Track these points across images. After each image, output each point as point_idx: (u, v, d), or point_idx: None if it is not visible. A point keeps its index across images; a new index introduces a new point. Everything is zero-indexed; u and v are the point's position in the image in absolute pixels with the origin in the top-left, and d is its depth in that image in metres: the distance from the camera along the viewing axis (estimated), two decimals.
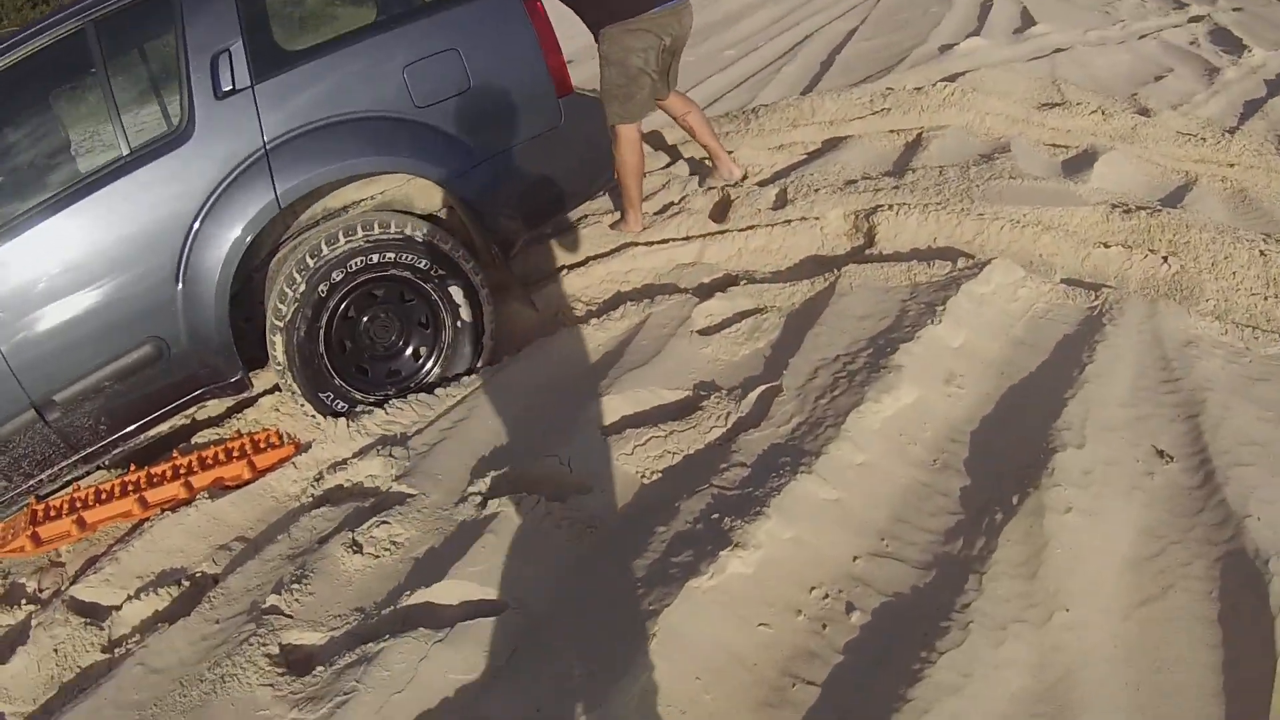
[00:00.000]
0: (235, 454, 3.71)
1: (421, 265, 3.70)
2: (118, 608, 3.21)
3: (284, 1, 4.21)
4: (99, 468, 3.93)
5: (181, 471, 3.67)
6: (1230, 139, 5.59)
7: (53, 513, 3.67)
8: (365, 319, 3.85)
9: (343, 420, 3.69)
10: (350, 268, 3.62)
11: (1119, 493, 2.59)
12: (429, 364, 3.92)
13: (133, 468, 3.87)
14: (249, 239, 3.53)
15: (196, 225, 3.48)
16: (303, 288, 3.57)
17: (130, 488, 3.68)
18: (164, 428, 3.84)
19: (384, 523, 3.01)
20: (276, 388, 4.23)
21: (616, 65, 4.46)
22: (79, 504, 3.67)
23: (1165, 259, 3.96)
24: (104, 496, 3.68)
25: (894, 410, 2.98)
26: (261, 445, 3.74)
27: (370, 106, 3.63)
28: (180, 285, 3.50)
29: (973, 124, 5.82)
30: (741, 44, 10.68)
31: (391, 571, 2.88)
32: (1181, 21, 9.69)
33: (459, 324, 3.85)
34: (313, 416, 3.76)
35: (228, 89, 3.52)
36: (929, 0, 11.40)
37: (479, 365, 3.92)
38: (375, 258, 3.64)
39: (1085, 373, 3.06)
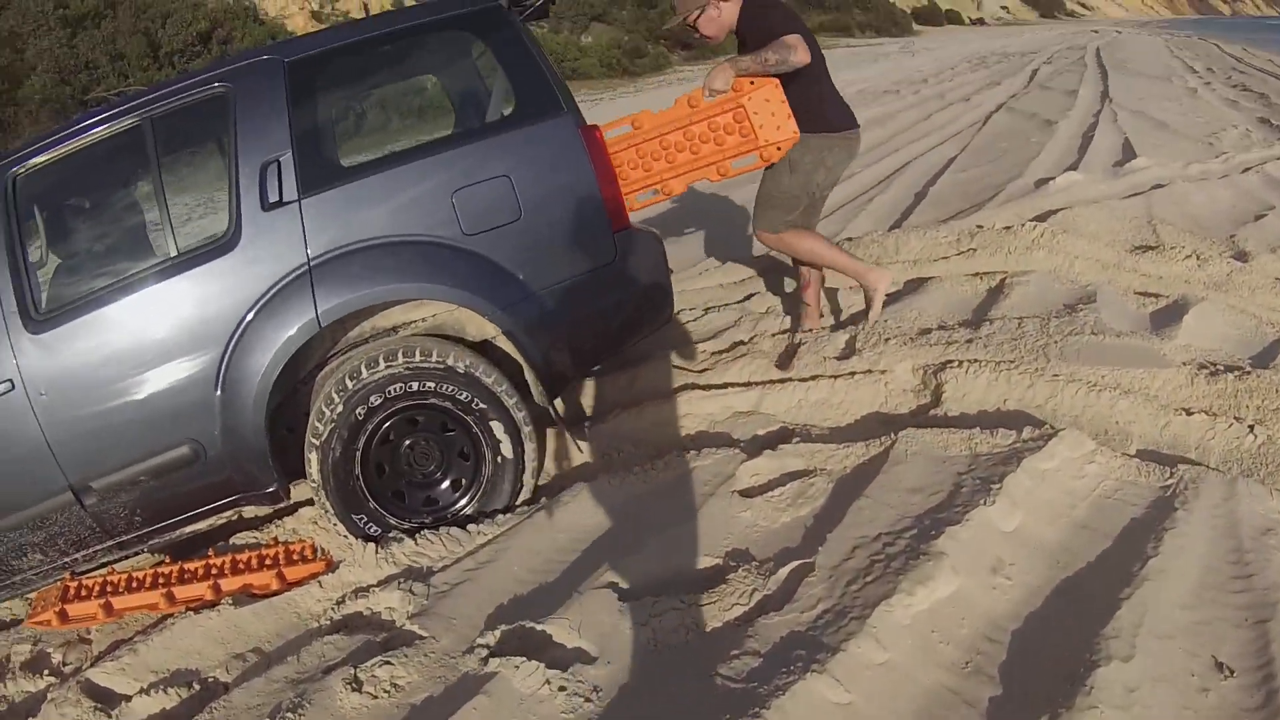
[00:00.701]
0: (267, 562, 3.69)
1: (462, 397, 3.62)
2: (129, 699, 3.21)
3: (340, 113, 4.24)
4: (137, 553, 3.95)
5: (213, 572, 3.66)
6: None
7: (84, 592, 3.68)
8: (405, 445, 3.78)
9: (372, 546, 3.63)
10: (389, 393, 3.57)
11: (1165, 715, 2.38)
12: (466, 497, 3.81)
13: (168, 559, 3.88)
14: (288, 355, 3.52)
15: (238, 335, 3.49)
16: (340, 409, 3.54)
17: (161, 580, 3.68)
18: (202, 525, 3.86)
19: (388, 663, 2.93)
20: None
21: (802, 175, 4.49)
22: (110, 588, 3.68)
23: (1252, 428, 3.75)
24: (135, 585, 3.68)
25: (929, 604, 2.80)
26: (294, 557, 3.71)
27: (417, 230, 3.60)
28: (219, 392, 3.51)
29: (1060, 268, 5.67)
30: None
31: (385, 715, 2.81)
32: None
33: (499, 459, 3.72)
34: (345, 536, 3.70)
35: (275, 200, 3.53)
36: (1032, 128, 11.35)
37: (516, 504, 3.80)
38: (415, 385, 3.57)
39: (1147, 567, 2.85)
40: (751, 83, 4.24)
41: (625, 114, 4.55)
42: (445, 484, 3.85)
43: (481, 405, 3.63)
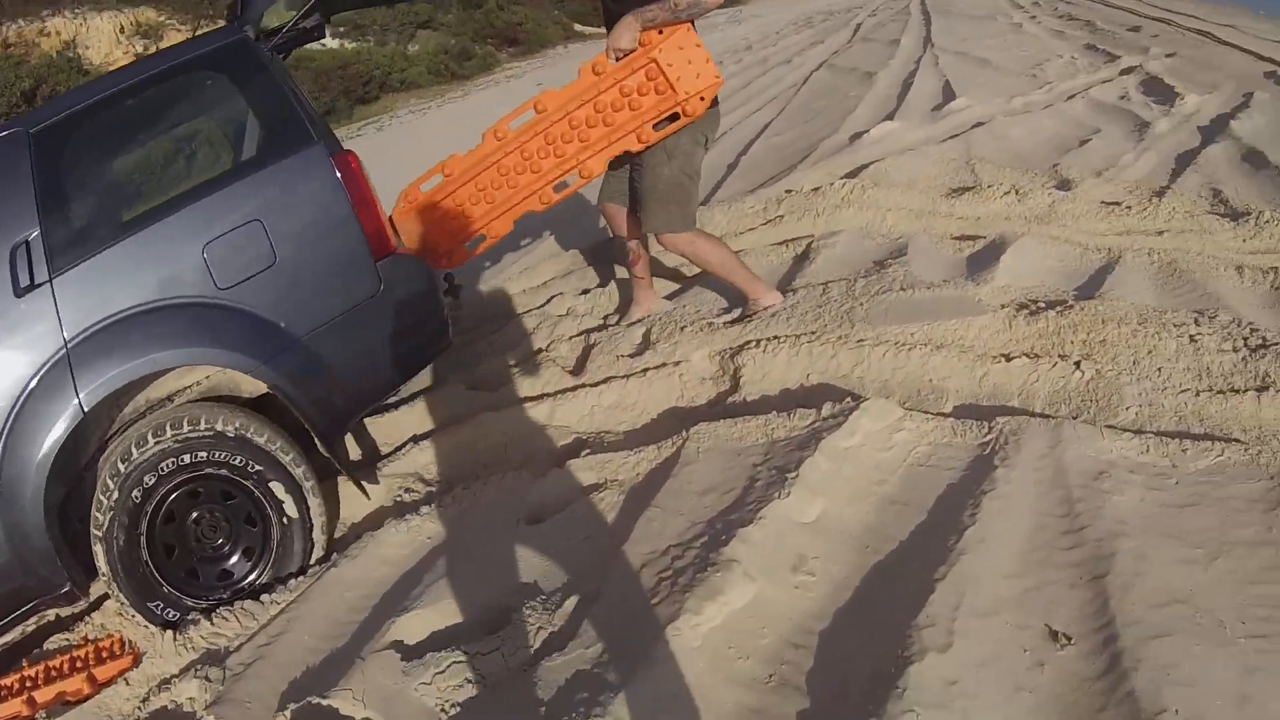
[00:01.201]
0: (78, 665, 3.38)
1: (236, 462, 3.39)
2: None
3: (95, 177, 3.87)
4: None
5: (27, 685, 3.34)
6: (1159, 202, 5.12)
7: None
8: (190, 520, 3.52)
9: (170, 633, 3.37)
10: (162, 470, 3.33)
11: (996, 703, 2.01)
12: (261, 564, 3.54)
13: None
14: (57, 447, 3.25)
15: (6, 432, 3.23)
16: (116, 495, 3.29)
17: None
18: (7, 636, 3.62)
19: None
20: None
21: (682, 158, 4.05)
22: None
23: (1078, 364, 3.42)
24: None
25: (722, 618, 2.41)
26: (104, 655, 3.41)
27: (171, 293, 3.37)
28: None
29: (872, 224, 5.32)
30: None
31: None
32: (1112, 75, 9.37)
33: (285, 521, 3.48)
34: (146, 625, 3.45)
35: (26, 284, 3.30)
36: (851, 82, 11.10)
37: (310, 564, 3.56)
38: (187, 458, 3.34)
39: (964, 538, 2.48)
40: (660, 33, 3.81)
41: (457, 121, 4.04)
42: (237, 555, 3.60)
43: (258, 467, 3.43)
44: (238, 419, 3.42)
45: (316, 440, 3.54)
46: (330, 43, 32.99)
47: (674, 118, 3.90)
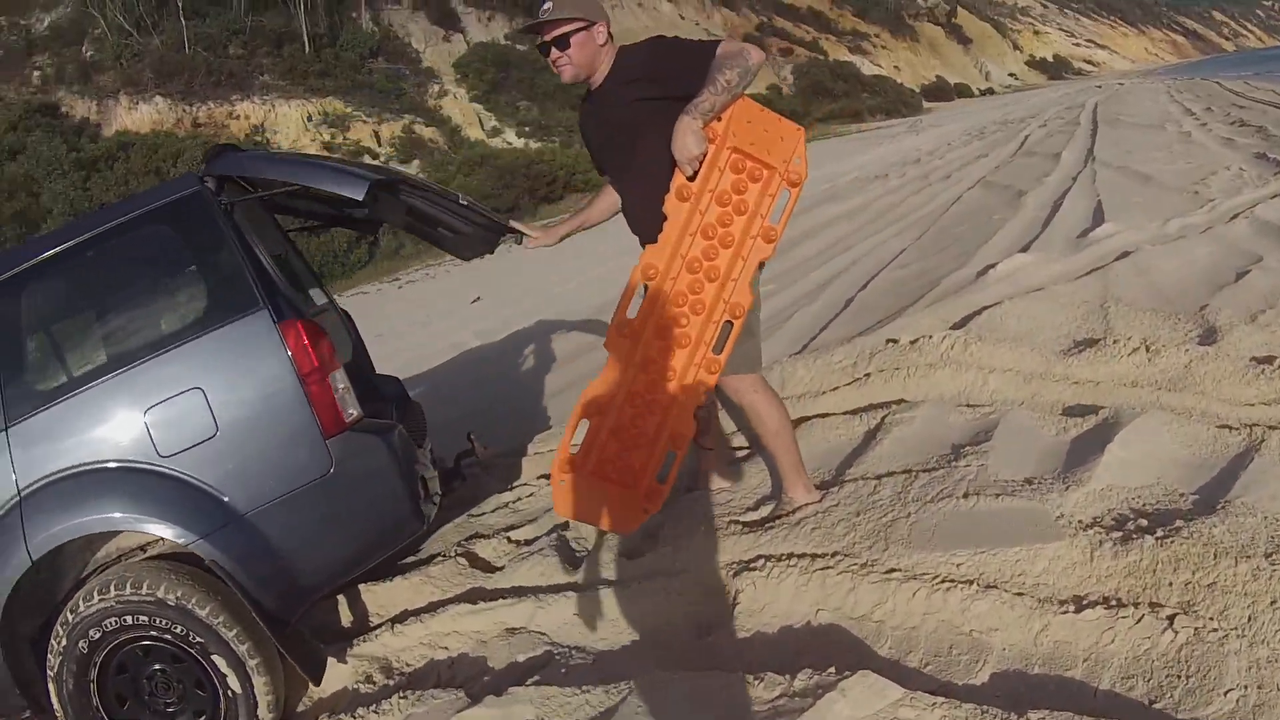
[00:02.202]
0: None
1: (178, 631, 3.27)
2: None
3: (51, 329, 3.88)
4: None
5: None
6: None
7: None
8: (145, 675, 3.41)
9: None
10: (106, 627, 3.27)
11: None
12: None
13: None
14: (6, 592, 3.29)
15: None
16: (64, 642, 3.28)
17: None
18: None
19: None
20: None
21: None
22: None
23: (1171, 620, 2.66)
24: None
25: None
26: None
27: (116, 455, 3.33)
28: None
29: (969, 389, 4.62)
30: (787, 274, 9.69)
31: None
32: None
33: (229, 694, 3.31)
34: None
35: None
36: (1001, 203, 10.36)
37: None
38: (129, 619, 3.26)
39: None
40: (720, 119, 3.33)
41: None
42: (188, 715, 3.44)
43: (199, 639, 3.29)
44: (181, 588, 3.28)
45: (261, 623, 3.32)
46: (516, 142, 34.18)
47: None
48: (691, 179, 3.35)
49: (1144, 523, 3.12)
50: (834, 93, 50.92)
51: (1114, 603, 2.78)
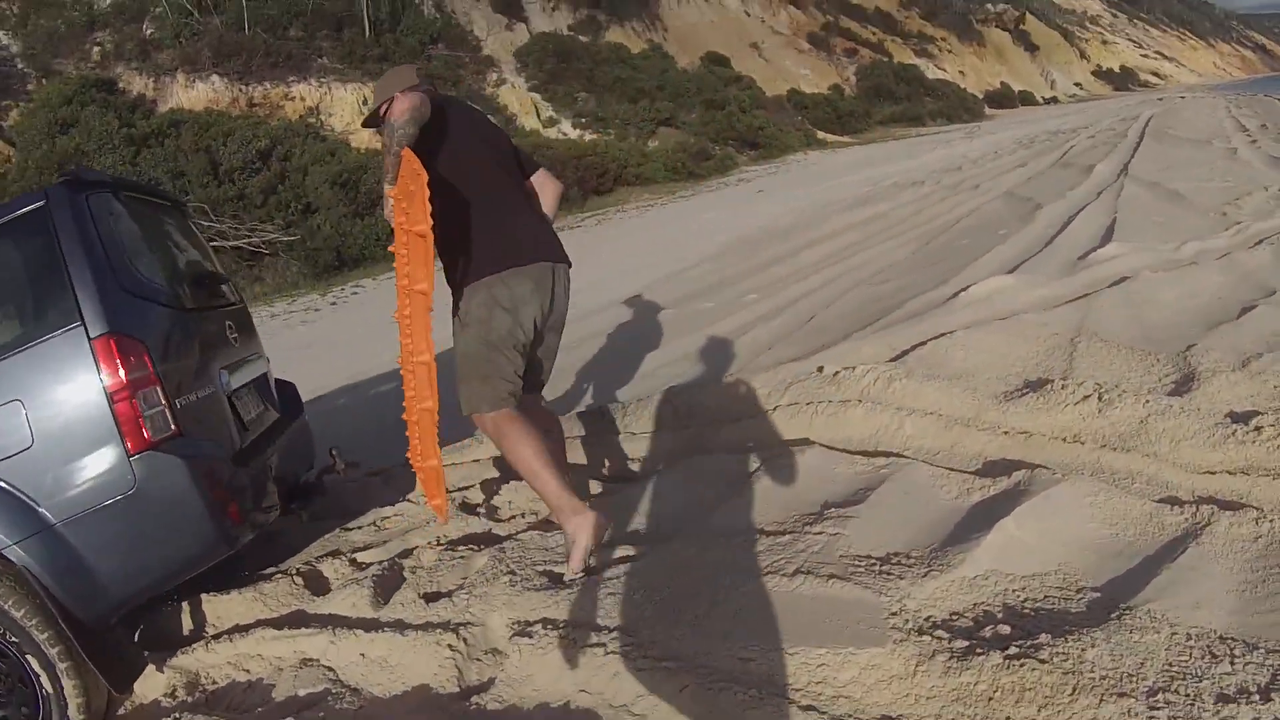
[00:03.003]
0: None
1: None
2: None
3: None
4: None
5: None
6: None
7: None
8: None
9: None
10: None
11: None
12: None
13: None
14: None
15: None
16: None
17: None
18: None
19: None
20: None
21: (476, 327, 3.49)
22: None
23: None
24: None
25: None
26: None
27: None
28: None
29: (881, 434, 3.97)
30: (777, 284, 9.01)
31: None
32: None
33: (44, 694, 3.33)
34: None
35: None
36: (1014, 216, 9.60)
37: None
38: None
39: None
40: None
41: (671, 220, 3.19)
42: (11, 708, 3.41)
43: (14, 639, 3.33)
44: (2, 587, 3.31)
45: (68, 630, 3.31)
46: (571, 133, 33.93)
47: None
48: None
49: (1006, 630, 2.47)
50: (896, 95, 49.66)
51: None
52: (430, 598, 3.45)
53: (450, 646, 3.06)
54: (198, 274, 4.57)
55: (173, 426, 3.50)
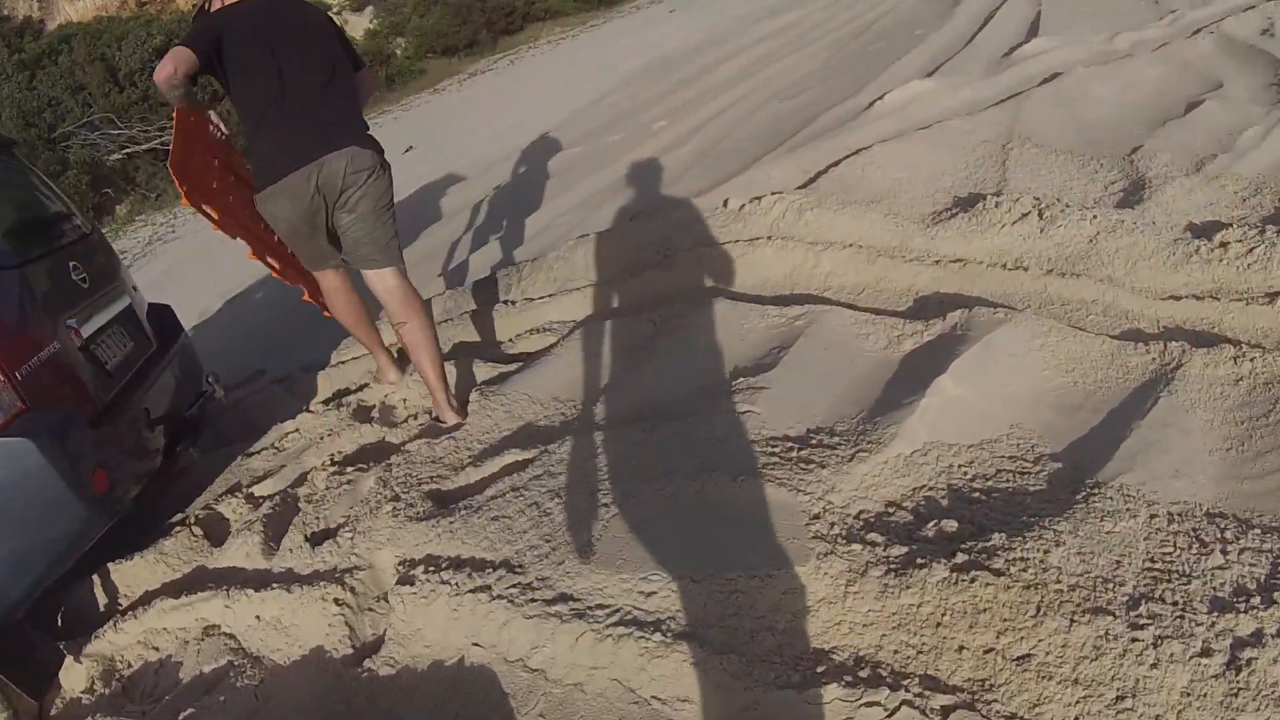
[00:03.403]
0: None
1: None
2: None
3: None
4: None
5: None
6: None
7: None
8: None
9: None
10: None
11: None
12: None
13: None
14: None
15: None
16: None
17: None
18: None
19: None
20: None
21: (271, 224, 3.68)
22: None
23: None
24: None
25: None
26: None
27: None
28: None
29: (796, 274, 3.44)
30: (687, 107, 8.30)
31: None
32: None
33: None
34: None
35: None
36: (931, 15, 8.90)
37: None
38: None
39: None
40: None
41: (584, 51, 2.59)
42: None
43: None
44: None
45: None
46: None
47: None
48: None
49: (952, 526, 1.98)
50: None
51: (863, 674, 1.65)
52: (316, 539, 3.00)
53: (337, 601, 2.62)
54: (24, 220, 4.07)
55: (19, 404, 3.12)
